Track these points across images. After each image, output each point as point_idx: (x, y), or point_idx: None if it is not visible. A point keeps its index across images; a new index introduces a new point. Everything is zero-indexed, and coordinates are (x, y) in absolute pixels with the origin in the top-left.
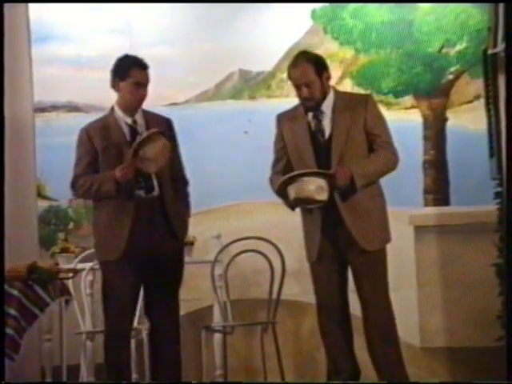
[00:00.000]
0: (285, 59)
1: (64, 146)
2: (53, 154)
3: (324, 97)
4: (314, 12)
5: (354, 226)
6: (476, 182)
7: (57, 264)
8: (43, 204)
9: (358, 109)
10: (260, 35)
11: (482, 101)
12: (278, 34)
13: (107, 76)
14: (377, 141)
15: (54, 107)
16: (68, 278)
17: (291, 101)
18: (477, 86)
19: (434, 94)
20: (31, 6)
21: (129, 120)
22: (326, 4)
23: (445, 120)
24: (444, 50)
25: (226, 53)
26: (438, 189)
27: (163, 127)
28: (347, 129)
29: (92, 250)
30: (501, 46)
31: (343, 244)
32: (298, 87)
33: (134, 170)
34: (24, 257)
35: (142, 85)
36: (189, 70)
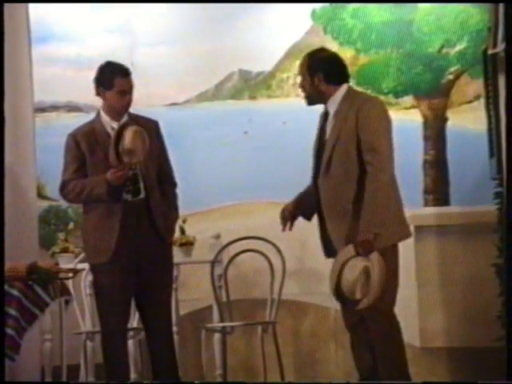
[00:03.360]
0: (285, 59)
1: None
2: (53, 154)
3: (321, 95)
4: (314, 12)
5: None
6: (476, 181)
7: (57, 264)
8: (43, 204)
9: (352, 109)
10: (260, 35)
11: (482, 101)
12: (278, 34)
13: None
14: (364, 149)
15: (54, 107)
16: (68, 278)
17: (291, 101)
18: (477, 86)
19: (434, 94)
20: (31, 5)
21: (115, 124)
22: (326, 4)
23: (445, 120)
24: (444, 50)
25: (226, 53)
26: (438, 189)
27: (149, 130)
28: (338, 130)
29: None
30: (501, 46)
31: None
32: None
33: (126, 174)
34: (24, 257)
35: (126, 92)
36: (189, 70)
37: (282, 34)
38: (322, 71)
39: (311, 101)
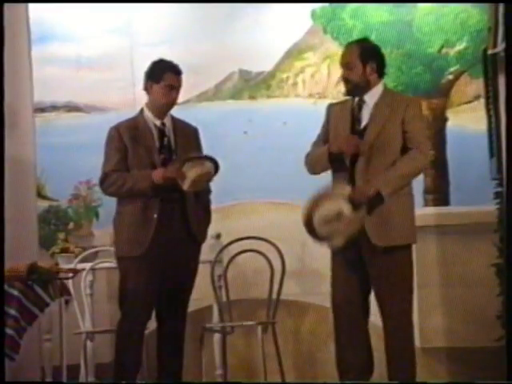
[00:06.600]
0: (285, 59)
1: (64, 146)
2: (53, 154)
3: (366, 86)
4: (313, 12)
5: (368, 221)
6: (476, 181)
7: (57, 264)
8: (43, 204)
9: (399, 108)
10: (260, 35)
11: (482, 101)
12: (278, 33)
13: (107, 76)
14: (409, 139)
15: (54, 107)
16: (68, 278)
17: (291, 101)
18: (477, 85)
19: (434, 94)
20: (31, 5)
21: (158, 122)
22: (326, 4)
23: (445, 120)
24: (444, 50)
25: (226, 53)
26: (438, 189)
27: (188, 135)
28: (383, 123)
29: (92, 250)
30: (501, 46)
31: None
32: (341, 67)
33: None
34: (24, 257)
35: (174, 88)
36: (189, 70)
37: (282, 34)
38: (375, 60)
39: (355, 91)
